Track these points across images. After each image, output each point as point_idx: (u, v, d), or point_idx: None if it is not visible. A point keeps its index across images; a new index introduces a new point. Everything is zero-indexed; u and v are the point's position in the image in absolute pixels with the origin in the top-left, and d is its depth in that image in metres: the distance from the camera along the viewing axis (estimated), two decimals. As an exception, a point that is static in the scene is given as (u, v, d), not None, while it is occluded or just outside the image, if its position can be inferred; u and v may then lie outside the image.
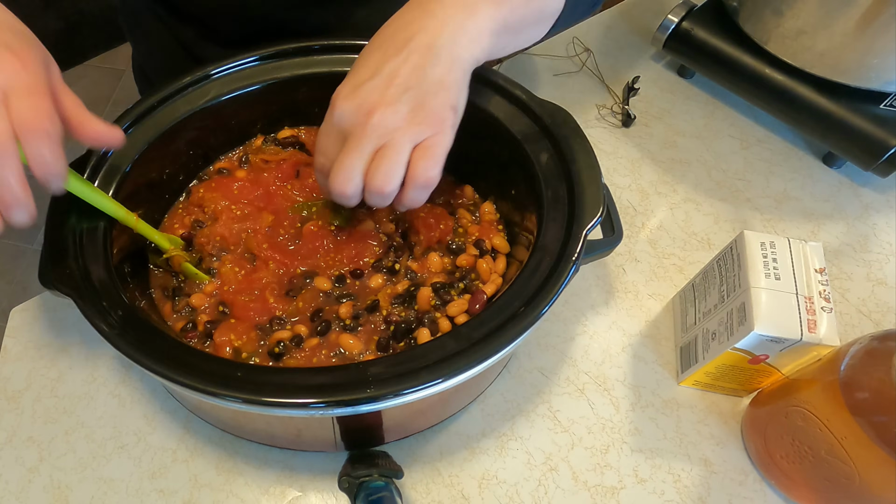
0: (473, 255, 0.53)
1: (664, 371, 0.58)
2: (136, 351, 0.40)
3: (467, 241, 0.54)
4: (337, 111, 0.43)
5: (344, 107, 0.43)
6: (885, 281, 0.63)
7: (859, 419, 0.42)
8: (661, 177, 0.71)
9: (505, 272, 0.52)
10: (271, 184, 0.55)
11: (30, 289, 1.59)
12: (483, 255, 0.53)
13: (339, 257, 0.52)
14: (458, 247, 0.53)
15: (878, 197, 0.70)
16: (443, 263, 0.53)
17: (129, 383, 0.57)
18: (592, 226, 0.45)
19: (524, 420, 0.55)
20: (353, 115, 0.43)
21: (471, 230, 0.55)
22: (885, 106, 0.66)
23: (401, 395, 0.39)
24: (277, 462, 0.53)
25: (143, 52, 0.78)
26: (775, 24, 0.68)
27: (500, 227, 0.56)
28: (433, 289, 0.50)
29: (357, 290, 0.51)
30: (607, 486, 0.52)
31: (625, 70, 0.80)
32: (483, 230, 0.55)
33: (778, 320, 0.47)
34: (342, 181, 0.43)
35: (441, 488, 0.52)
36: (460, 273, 0.52)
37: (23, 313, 0.60)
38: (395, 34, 0.44)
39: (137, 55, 0.80)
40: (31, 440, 0.54)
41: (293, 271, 0.52)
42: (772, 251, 0.50)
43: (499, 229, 0.56)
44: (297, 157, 0.57)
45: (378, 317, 0.50)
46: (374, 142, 0.42)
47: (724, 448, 0.54)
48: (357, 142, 0.42)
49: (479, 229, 0.55)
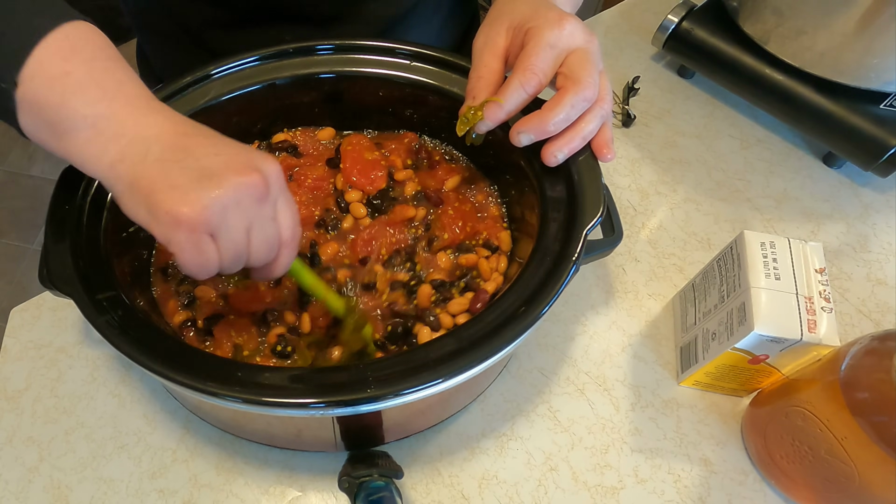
0: (481, 255, 0.53)
1: (664, 371, 0.58)
2: (136, 351, 0.40)
3: (477, 242, 0.54)
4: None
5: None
6: (885, 281, 0.63)
7: (859, 419, 0.42)
8: (661, 177, 0.71)
9: (506, 270, 0.53)
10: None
11: (30, 289, 1.59)
12: (493, 253, 0.53)
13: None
14: (467, 247, 0.54)
15: (878, 197, 0.70)
16: (449, 261, 0.53)
17: (129, 383, 0.57)
18: (592, 226, 0.45)
19: (524, 420, 0.55)
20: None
21: (479, 228, 0.55)
22: (885, 106, 0.66)
23: (401, 395, 0.39)
24: (277, 462, 0.53)
25: (155, 47, 0.77)
26: (775, 24, 0.68)
27: (505, 223, 0.56)
28: (433, 286, 0.50)
29: (355, 272, 0.52)
30: (607, 486, 0.52)
31: (625, 70, 0.80)
32: (489, 227, 0.55)
33: (778, 320, 0.47)
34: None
35: (441, 488, 0.52)
36: (461, 271, 0.52)
37: (23, 313, 0.60)
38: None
39: (148, 50, 0.79)
40: (31, 440, 0.54)
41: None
42: (772, 251, 0.50)
43: (503, 226, 0.56)
44: (287, 161, 0.58)
45: (375, 297, 0.50)
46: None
47: (724, 448, 0.54)
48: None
49: (486, 226, 0.55)
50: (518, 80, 0.46)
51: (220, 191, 0.36)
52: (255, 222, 0.39)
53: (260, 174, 0.38)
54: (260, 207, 0.38)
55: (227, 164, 0.37)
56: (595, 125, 0.47)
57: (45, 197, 0.42)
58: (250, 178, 0.37)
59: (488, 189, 0.58)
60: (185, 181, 0.36)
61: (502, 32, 0.48)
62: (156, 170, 0.37)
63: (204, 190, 0.36)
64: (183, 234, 0.36)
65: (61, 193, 0.46)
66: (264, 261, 0.41)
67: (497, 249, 0.54)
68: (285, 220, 0.41)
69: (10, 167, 1.82)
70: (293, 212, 0.42)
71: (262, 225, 0.39)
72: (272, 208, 0.40)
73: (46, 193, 0.44)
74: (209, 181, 0.36)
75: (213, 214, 0.36)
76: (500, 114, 0.47)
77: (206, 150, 0.38)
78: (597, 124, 0.47)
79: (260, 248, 0.40)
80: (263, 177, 0.38)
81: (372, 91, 0.57)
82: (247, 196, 0.37)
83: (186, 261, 0.37)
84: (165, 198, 0.36)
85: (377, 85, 0.56)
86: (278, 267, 0.42)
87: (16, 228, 1.71)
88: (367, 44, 0.56)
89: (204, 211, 0.36)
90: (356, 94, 0.58)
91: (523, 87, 0.46)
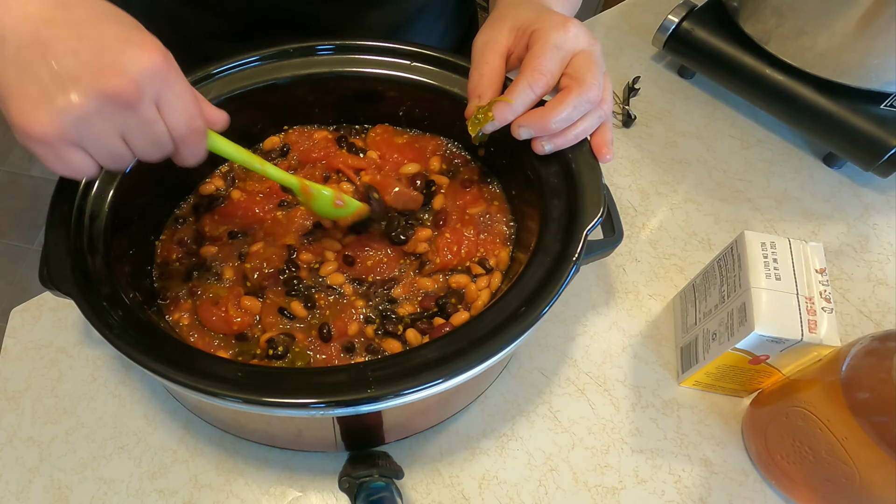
0: (475, 272, 0.52)
1: (664, 371, 0.58)
2: (136, 351, 0.40)
3: (473, 260, 0.53)
4: None
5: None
6: (885, 281, 0.63)
7: (860, 419, 0.41)
8: (661, 177, 0.71)
9: (499, 287, 0.52)
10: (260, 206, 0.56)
11: (30, 289, 1.59)
12: (487, 273, 0.52)
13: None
14: (459, 270, 0.53)
15: (878, 197, 0.70)
16: (436, 283, 0.52)
17: (129, 383, 0.57)
18: (593, 226, 0.45)
19: (524, 420, 0.55)
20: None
21: (475, 250, 0.54)
22: (886, 106, 0.66)
23: (401, 395, 0.39)
24: (278, 462, 0.53)
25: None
26: (775, 24, 0.68)
27: (510, 244, 0.55)
28: (410, 322, 0.50)
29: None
30: (608, 486, 0.52)
31: (625, 70, 0.80)
32: (488, 244, 0.54)
33: (778, 320, 0.47)
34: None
35: (441, 489, 0.52)
36: (445, 293, 0.52)
37: (23, 313, 0.60)
38: None
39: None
40: (32, 440, 0.54)
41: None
42: (772, 251, 0.50)
43: (505, 245, 0.55)
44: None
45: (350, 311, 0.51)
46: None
47: (724, 448, 0.54)
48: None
49: (485, 243, 0.54)
50: (526, 81, 0.46)
51: (75, 102, 0.33)
52: (129, 129, 0.36)
53: (126, 78, 0.34)
54: (130, 113, 0.35)
55: (88, 67, 0.34)
56: (591, 124, 0.47)
57: (45, 197, 0.42)
58: (111, 84, 0.34)
59: (502, 214, 0.57)
60: (37, 91, 0.33)
61: (504, 32, 0.48)
62: (11, 73, 0.34)
63: (55, 102, 0.33)
64: (40, 148, 0.34)
65: (61, 193, 0.46)
66: (159, 158, 0.39)
67: (491, 270, 0.53)
68: (174, 116, 0.37)
69: (10, 167, 1.83)
70: (185, 104, 0.38)
71: (141, 129, 0.36)
72: (149, 110, 0.36)
73: (46, 193, 0.44)
74: (62, 90, 0.33)
75: (68, 128, 0.34)
76: (509, 114, 0.47)
77: (66, 47, 0.34)
78: (593, 124, 0.47)
79: (145, 149, 0.38)
80: (131, 80, 0.34)
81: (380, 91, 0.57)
82: (109, 104, 0.34)
83: (56, 171, 0.36)
84: (18, 110, 0.34)
85: (384, 86, 0.57)
86: (185, 159, 0.40)
87: (16, 228, 1.71)
88: (368, 44, 0.56)
89: (55, 125, 0.33)
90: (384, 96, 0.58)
91: (531, 87, 0.46)
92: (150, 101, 0.36)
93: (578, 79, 0.45)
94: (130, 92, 0.34)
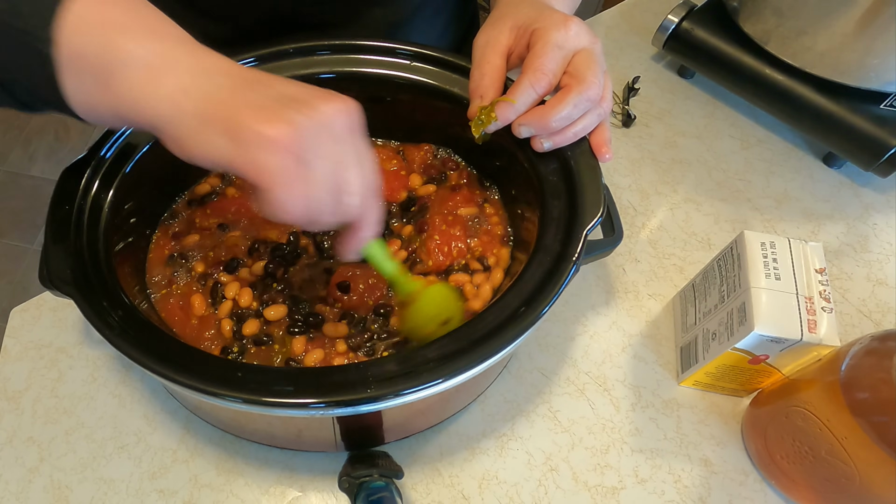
0: (473, 268, 0.52)
1: (664, 371, 0.58)
2: (136, 351, 0.40)
3: (472, 256, 0.53)
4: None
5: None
6: (885, 281, 0.63)
7: (860, 419, 0.42)
8: (661, 177, 0.71)
9: (500, 284, 0.52)
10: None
11: (30, 289, 1.59)
12: (486, 270, 0.52)
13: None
14: (459, 267, 0.53)
15: (878, 197, 0.70)
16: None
17: (129, 383, 0.57)
18: (593, 226, 0.45)
19: (524, 420, 0.55)
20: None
21: (468, 246, 0.54)
22: (886, 106, 0.66)
23: (401, 395, 0.39)
24: (278, 462, 0.53)
25: None
26: (775, 24, 0.68)
27: (510, 243, 0.55)
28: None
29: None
30: (607, 486, 0.52)
31: (625, 70, 0.80)
32: (486, 243, 0.54)
33: (778, 320, 0.47)
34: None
35: (441, 488, 0.52)
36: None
37: (23, 313, 0.60)
38: None
39: None
40: (32, 440, 0.54)
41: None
42: (772, 251, 0.50)
43: (505, 244, 0.55)
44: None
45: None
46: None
47: (724, 448, 0.54)
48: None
49: (481, 241, 0.54)
50: (528, 80, 0.46)
51: (313, 111, 0.33)
52: (346, 157, 0.35)
53: (346, 104, 0.34)
54: (351, 139, 0.35)
55: (311, 93, 0.34)
56: (590, 122, 0.47)
57: (45, 197, 0.42)
58: (342, 103, 0.34)
59: (496, 210, 0.57)
60: (272, 103, 0.33)
61: (505, 31, 0.48)
62: (233, 98, 0.33)
63: (294, 111, 0.32)
64: (275, 156, 0.32)
65: (61, 193, 0.46)
66: (356, 210, 0.37)
67: (490, 269, 0.53)
68: (370, 164, 0.37)
69: (10, 167, 1.82)
70: (371, 161, 0.37)
71: (353, 160, 0.35)
72: (359, 146, 0.36)
73: (46, 193, 0.44)
74: (297, 104, 0.33)
75: (308, 135, 0.32)
76: (512, 114, 0.47)
77: (281, 82, 0.34)
78: (593, 122, 0.47)
79: (353, 185, 0.35)
80: (349, 106, 0.35)
81: (376, 91, 0.57)
82: (339, 122, 0.34)
83: (278, 189, 0.33)
84: (253, 117, 0.32)
85: (384, 86, 0.56)
86: (368, 224, 0.38)
87: (16, 228, 1.71)
88: (367, 44, 0.56)
89: (298, 129, 0.32)
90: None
91: (533, 87, 0.46)
92: (359, 139, 0.36)
93: (579, 77, 0.45)
94: (355, 115, 0.35)
